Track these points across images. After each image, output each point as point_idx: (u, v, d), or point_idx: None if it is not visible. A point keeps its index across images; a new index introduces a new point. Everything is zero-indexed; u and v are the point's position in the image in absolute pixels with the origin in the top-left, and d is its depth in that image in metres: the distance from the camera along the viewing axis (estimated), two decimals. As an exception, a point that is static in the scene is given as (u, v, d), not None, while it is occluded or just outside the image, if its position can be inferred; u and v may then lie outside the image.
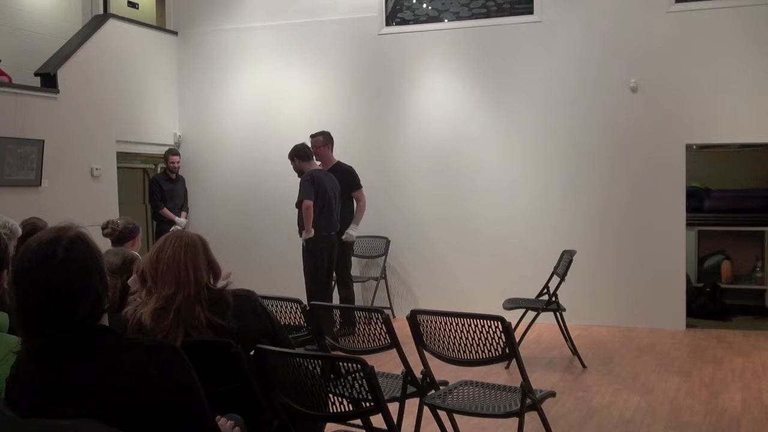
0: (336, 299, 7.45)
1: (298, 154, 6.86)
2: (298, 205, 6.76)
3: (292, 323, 4.02)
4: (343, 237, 7.05)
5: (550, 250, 7.01)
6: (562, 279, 6.21)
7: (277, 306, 3.99)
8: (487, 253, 7.93)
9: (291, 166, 7.41)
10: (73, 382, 1.75)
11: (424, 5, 8.29)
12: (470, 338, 3.61)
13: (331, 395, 2.95)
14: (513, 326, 3.67)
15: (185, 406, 1.81)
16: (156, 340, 1.98)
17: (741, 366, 6.02)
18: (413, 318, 3.80)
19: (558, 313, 6.19)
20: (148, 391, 1.75)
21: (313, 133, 7.34)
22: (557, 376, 5.80)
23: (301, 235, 6.79)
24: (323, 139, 7.25)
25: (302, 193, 6.70)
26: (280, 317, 3.89)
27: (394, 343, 3.69)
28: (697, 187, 8.43)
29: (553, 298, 6.15)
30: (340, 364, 2.99)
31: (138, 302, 2.80)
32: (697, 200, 8.35)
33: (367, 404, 2.87)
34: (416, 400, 3.74)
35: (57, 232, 1.83)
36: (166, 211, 8.42)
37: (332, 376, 2.98)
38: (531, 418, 3.69)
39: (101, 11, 8.66)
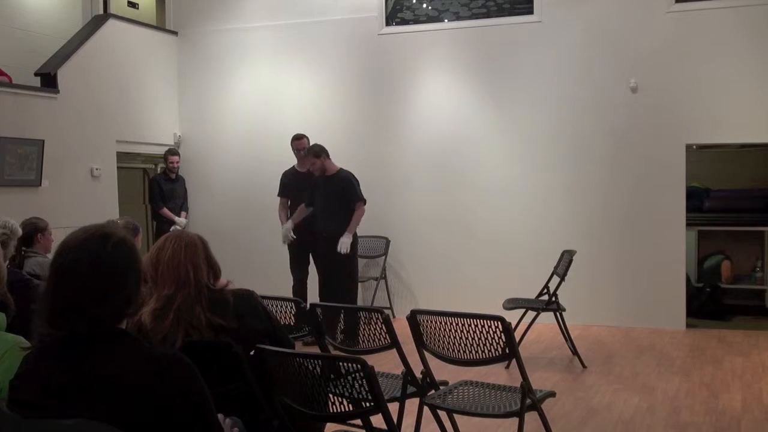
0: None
1: (327, 153, 6.78)
2: (352, 205, 6.71)
3: (291, 323, 4.02)
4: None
5: (550, 250, 7.01)
6: (562, 279, 6.21)
7: (276, 306, 3.99)
8: (487, 252, 7.93)
9: (290, 166, 7.45)
10: (80, 382, 1.76)
11: (424, 5, 8.29)
12: (470, 338, 3.60)
13: (331, 395, 2.95)
14: (513, 326, 3.67)
15: (193, 419, 1.83)
16: (171, 351, 2.00)
17: (741, 366, 6.02)
18: (413, 318, 3.80)
19: (558, 313, 6.19)
20: (156, 400, 1.76)
21: (299, 134, 7.36)
22: (557, 376, 5.80)
23: (340, 238, 6.69)
24: (308, 141, 7.32)
25: (359, 194, 6.74)
26: (280, 317, 3.89)
27: (394, 343, 3.69)
28: (697, 187, 8.43)
29: (553, 298, 6.16)
30: (340, 364, 2.99)
31: (138, 302, 2.79)
32: (697, 200, 8.35)
33: (367, 404, 2.87)
34: (416, 400, 3.74)
35: (106, 229, 1.89)
36: (165, 211, 8.41)
37: (332, 376, 2.98)
38: (531, 418, 3.69)
39: (101, 11, 8.66)
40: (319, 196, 6.84)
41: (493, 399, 3.70)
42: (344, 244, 6.65)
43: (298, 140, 7.32)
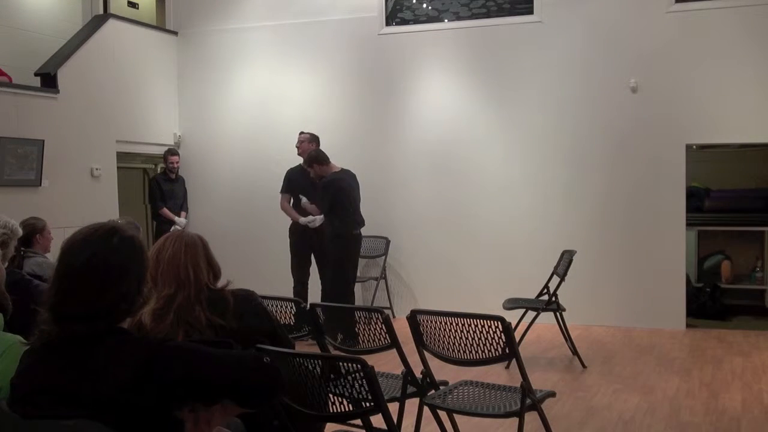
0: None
1: (317, 161, 6.82)
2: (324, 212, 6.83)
3: (291, 323, 4.02)
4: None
5: (550, 250, 7.01)
6: (562, 279, 6.21)
7: (276, 306, 3.99)
8: (487, 252, 7.93)
9: (291, 165, 7.45)
10: (80, 381, 1.75)
11: (424, 5, 8.29)
12: (470, 338, 3.60)
13: (331, 395, 2.95)
14: (513, 326, 3.67)
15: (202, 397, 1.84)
16: (167, 339, 2.01)
17: (741, 366, 6.02)
18: (413, 318, 3.80)
19: (558, 313, 6.19)
20: (157, 391, 1.76)
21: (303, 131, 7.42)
22: (557, 376, 5.80)
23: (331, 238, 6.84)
24: (310, 137, 7.30)
25: (323, 205, 6.78)
26: (280, 317, 3.89)
27: (394, 343, 3.69)
28: (697, 187, 8.43)
29: (553, 298, 6.15)
30: (340, 364, 2.99)
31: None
32: (697, 200, 8.35)
33: (367, 404, 2.87)
34: (416, 400, 3.74)
35: (114, 225, 1.91)
36: (165, 211, 8.41)
37: (332, 376, 2.98)
38: (531, 418, 3.69)
39: (101, 11, 8.66)
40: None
41: (493, 399, 3.70)
42: (315, 220, 6.96)
43: (302, 134, 7.37)
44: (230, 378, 1.87)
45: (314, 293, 7.12)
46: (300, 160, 7.35)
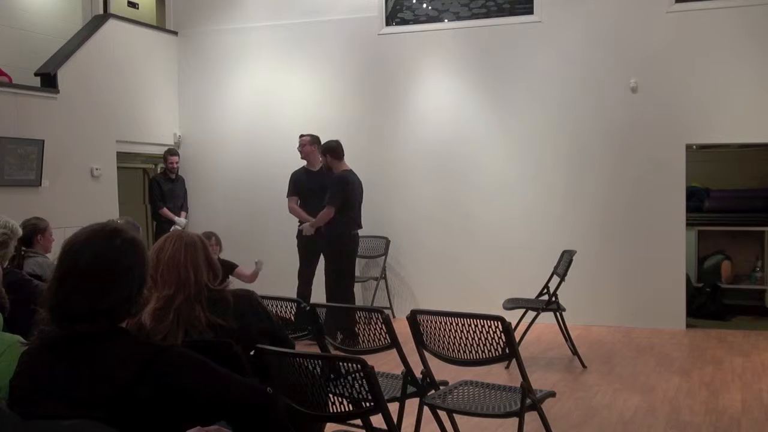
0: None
1: (332, 153, 6.82)
2: (328, 205, 6.76)
3: (291, 322, 4.02)
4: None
5: (550, 250, 7.01)
6: (562, 279, 6.21)
7: (276, 306, 3.99)
8: (487, 252, 7.93)
9: (291, 165, 7.45)
10: (80, 381, 1.75)
11: (424, 5, 8.29)
12: (470, 338, 3.60)
13: (331, 395, 2.95)
14: (513, 326, 3.67)
15: (203, 405, 1.84)
16: (169, 344, 2.01)
17: (741, 366, 6.02)
18: (413, 318, 3.80)
19: (558, 313, 6.19)
20: (158, 394, 1.76)
21: (303, 133, 7.41)
22: (557, 376, 5.80)
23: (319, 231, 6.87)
24: (311, 139, 7.28)
25: (333, 198, 6.71)
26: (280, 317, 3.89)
27: (394, 343, 3.69)
28: (697, 187, 8.43)
29: (553, 298, 6.16)
30: (340, 364, 2.99)
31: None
32: (697, 200, 8.35)
33: (367, 404, 2.87)
34: (416, 400, 3.74)
35: (117, 226, 1.92)
36: (165, 211, 8.42)
37: (332, 376, 2.98)
38: (531, 418, 3.69)
39: (101, 11, 8.66)
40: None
41: (493, 399, 3.70)
42: (304, 229, 6.98)
43: (302, 137, 7.35)
44: (227, 396, 1.87)
45: (317, 293, 7.12)
46: (303, 163, 7.34)
